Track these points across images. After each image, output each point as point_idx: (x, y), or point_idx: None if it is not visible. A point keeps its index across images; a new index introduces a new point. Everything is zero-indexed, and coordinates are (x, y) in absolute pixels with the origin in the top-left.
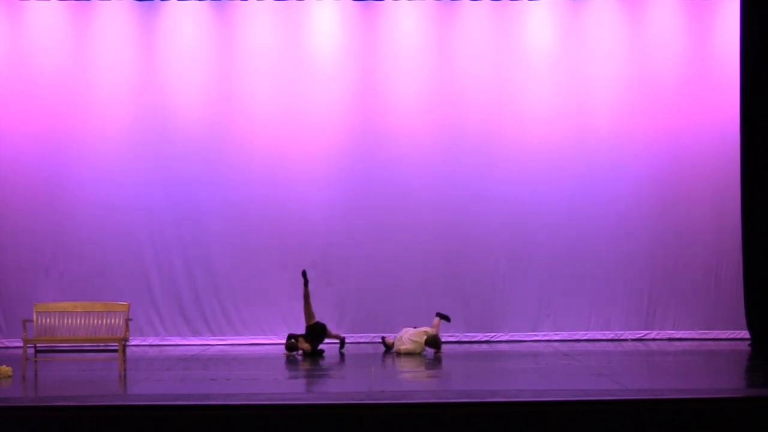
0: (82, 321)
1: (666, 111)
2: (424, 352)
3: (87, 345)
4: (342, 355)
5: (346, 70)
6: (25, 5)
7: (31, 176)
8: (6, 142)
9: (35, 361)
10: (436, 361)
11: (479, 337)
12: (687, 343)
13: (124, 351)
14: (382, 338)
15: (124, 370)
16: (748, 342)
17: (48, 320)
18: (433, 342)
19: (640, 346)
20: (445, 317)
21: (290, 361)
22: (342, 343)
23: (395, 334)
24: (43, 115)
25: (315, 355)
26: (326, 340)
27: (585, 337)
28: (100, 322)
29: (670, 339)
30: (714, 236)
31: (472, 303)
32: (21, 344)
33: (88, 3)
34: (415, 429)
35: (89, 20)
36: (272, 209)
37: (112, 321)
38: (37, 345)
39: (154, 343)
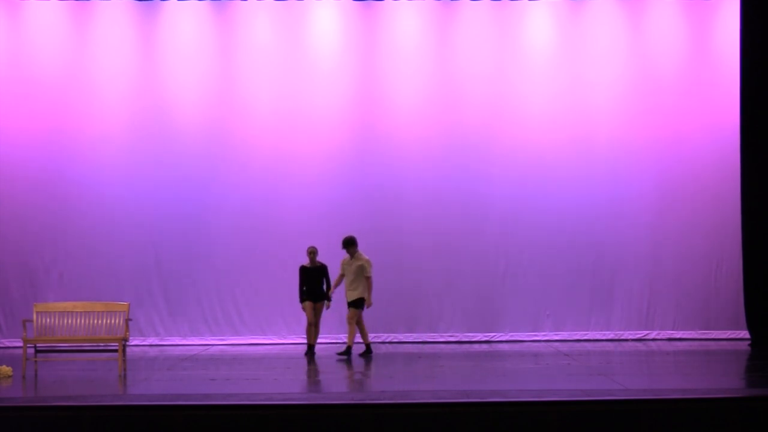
0: (82, 321)
1: (666, 113)
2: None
3: (87, 345)
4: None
5: (346, 70)
6: (25, 5)
7: (32, 176)
8: (6, 142)
9: (35, 361)
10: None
11: (479, 337)
12: (687, 343)
13: (124, 351)
14: None
15: (124, 370)
16: (748, 342)
17: (48, 320)
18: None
19: (640, 346)
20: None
21: None
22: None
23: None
24: (43, 115)
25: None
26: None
27: (585, 337)
28: (100, 322)
29: (670, 339)
30: (714, 237)
31: (472, 303)
32: (21, 344)
33: (88, 3)
34: (415, 429)
35: (89, 20)
36: (272, 209)
37: (112, 321)
38: (37, 345)
39: (154, 343)
